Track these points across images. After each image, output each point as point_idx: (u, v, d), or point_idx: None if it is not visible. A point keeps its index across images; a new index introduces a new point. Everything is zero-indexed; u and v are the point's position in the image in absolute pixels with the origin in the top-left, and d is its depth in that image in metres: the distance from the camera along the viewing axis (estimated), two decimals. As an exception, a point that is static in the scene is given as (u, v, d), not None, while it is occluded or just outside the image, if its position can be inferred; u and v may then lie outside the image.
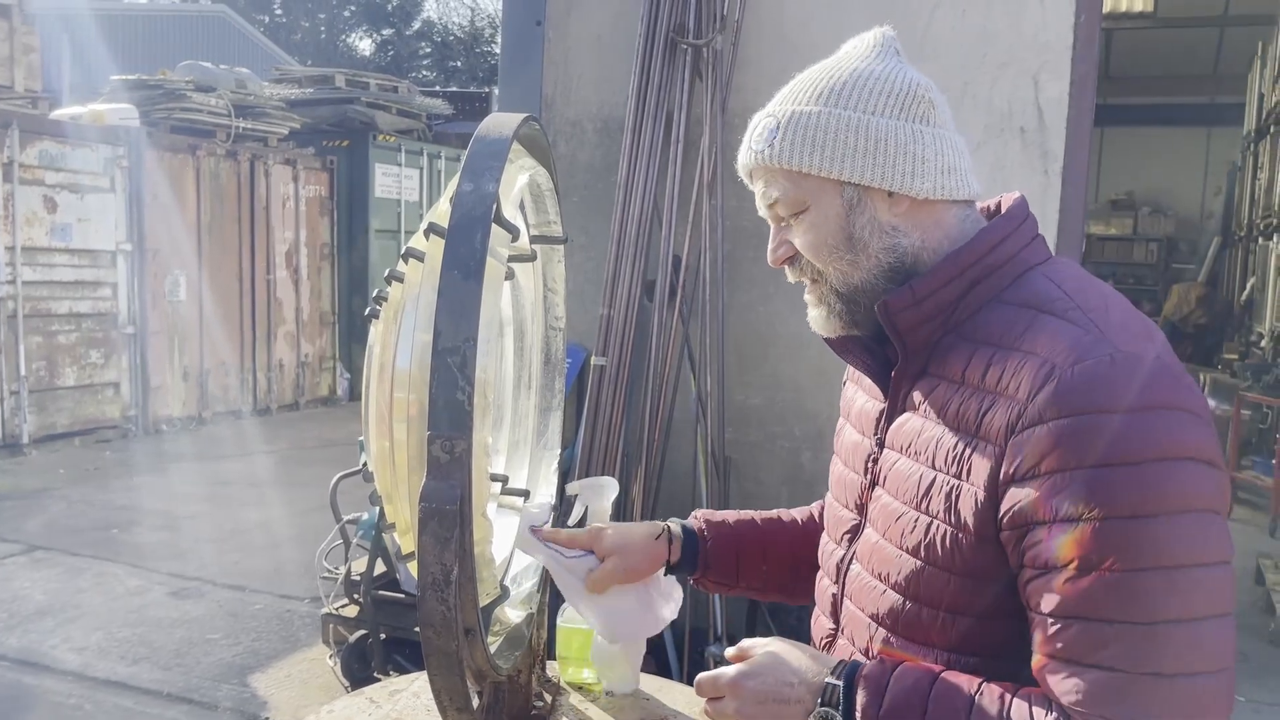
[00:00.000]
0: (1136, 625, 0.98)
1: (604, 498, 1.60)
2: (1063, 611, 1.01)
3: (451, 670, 1.14)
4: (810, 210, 1.19)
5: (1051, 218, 3.67)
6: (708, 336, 3.89)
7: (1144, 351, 1.04)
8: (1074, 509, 1.00)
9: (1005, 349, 1.10)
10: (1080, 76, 3.65)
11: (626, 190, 3.92)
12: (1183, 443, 1.01)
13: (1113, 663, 0.99)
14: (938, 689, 1.07)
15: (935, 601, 1.14)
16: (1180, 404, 1.02)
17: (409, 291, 1.27)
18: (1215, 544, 1.01)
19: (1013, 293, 1.15)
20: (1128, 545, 0.98)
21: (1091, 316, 1.08)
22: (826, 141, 1.16)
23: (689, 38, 3.89)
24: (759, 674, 1.15)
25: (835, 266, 1.20)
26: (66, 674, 4.36)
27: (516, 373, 1.70)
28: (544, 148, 1.50)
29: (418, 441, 1.19)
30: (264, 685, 4.33)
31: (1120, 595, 0.98)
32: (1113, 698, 0.99)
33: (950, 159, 1.19)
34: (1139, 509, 0.98)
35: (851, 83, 1.18)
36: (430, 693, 1.27)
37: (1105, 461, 0.99)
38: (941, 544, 1.12)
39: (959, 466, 1.11)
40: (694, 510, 1.63)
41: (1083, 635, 1.00)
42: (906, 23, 3.79)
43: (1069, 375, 1.03)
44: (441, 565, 1.09)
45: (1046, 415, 1.02)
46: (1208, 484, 1.01)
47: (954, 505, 1.11)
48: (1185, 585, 0.99)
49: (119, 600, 5.23)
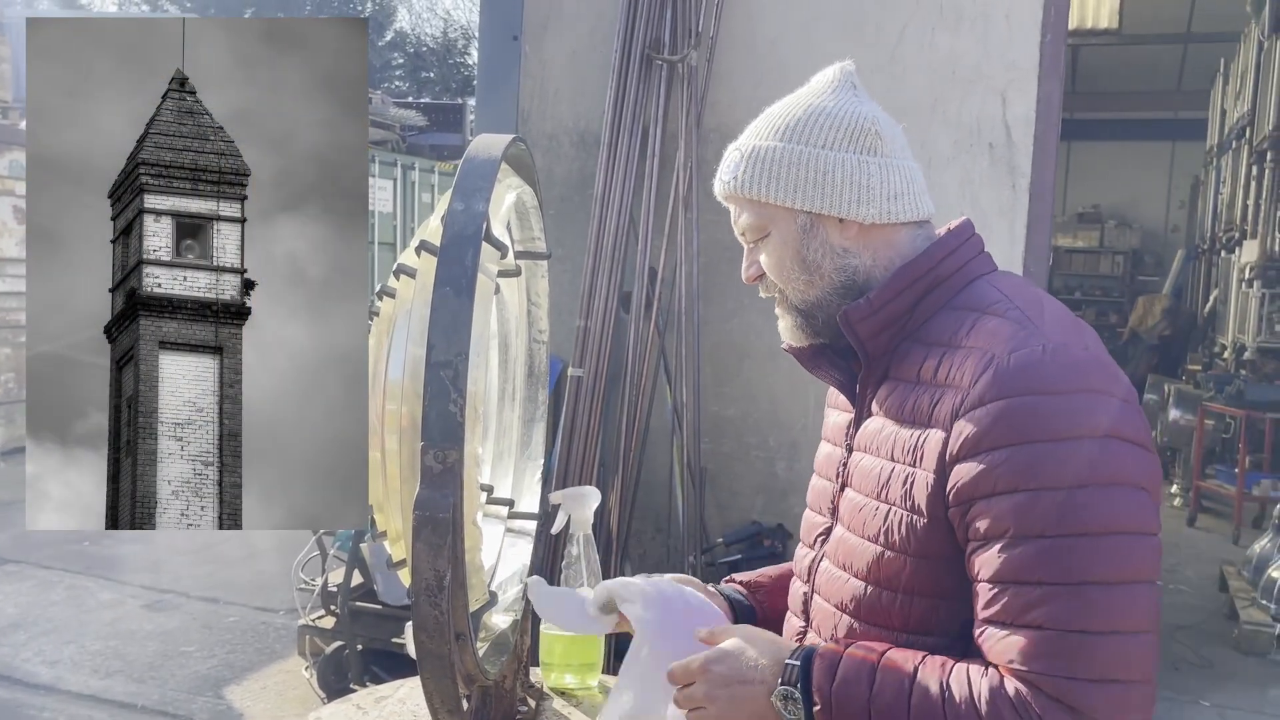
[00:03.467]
0: (1065, 586, 1.07)
1: (586, 507, 1.64)
2: (998, 577, 1.11)
3: (444, 673, 1.18)
4: (771, 235, 1.32)
5: (1019, 232, 3.75)
6: (683, 348, 3.93)
7: (1073, 343, 1.16)
8: (1010, 482, 1.10)
9: (953, 347, 1.21)
10: (1046, 94, 3.74)
11: (603, 204, 3.97)
12: (1108, 423, 1.11)
13: (1042, 622, 1.08)
14: (885, 661, 1.16)
15: (894, 584, 1.22)
16: (1106, 389, 1.14)
17: (400, 306, 1.30)
18: (1139, 516, 1.11)
19: (960, 299, 1.27)
20: (1058, 514, 1.08)
21: (1028, 314, 1.20)
22: (781, 174, 1.29)
23: (664, 53, 3.95)
24: (725, 659, 1.22)
25: (793, 285, 1.32)
26: (39, 688, 4.33)
27: (501, 385, 1.74)
28: (529, 166, 1.55)
29: (409, 452, 1.23)
30: (239, 697, 4.32)
31: (1050, 560, 1.08)
32: (1043, 655, 1.07)
33: (897, 185, 1.30)
34: (1068, 481, 1.08)
35: (805, 119, 1.30)
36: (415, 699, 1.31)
37: (1038, 438, 1.10)
38: (899, 529, 1.21)
39: (913, 455, 1.20)
40: (667, 538, 1.68)
41: (1016, 598, 1.09)
42: (876, 41, 3.87)
43: (1006, 363, 1.14)
44: (435, 571, 1.13)
45: (986, 398, 1.13)
46: (1132, 461, 1.12)
47: (909, 491, 1.20)
48: (1110, 551, 1.08)
49: (92, 613, 5.20)
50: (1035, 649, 1.08)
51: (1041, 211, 3.79)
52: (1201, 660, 5.04)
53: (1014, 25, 3.72)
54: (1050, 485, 1.09)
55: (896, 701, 1.12)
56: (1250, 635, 5.17)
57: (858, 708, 1.14)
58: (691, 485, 3.94)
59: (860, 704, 1.13)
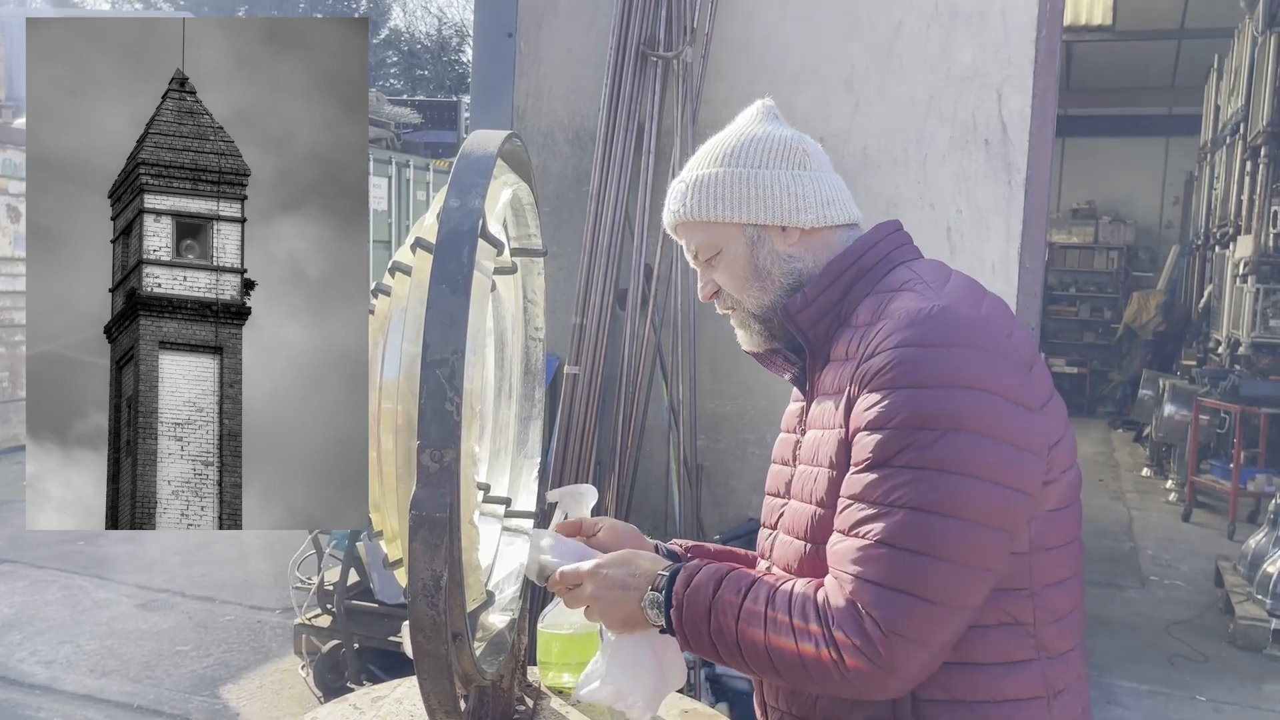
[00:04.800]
0: (894, 508, 1.20)
1: (584, 505, 1.64)
2: (848, 494, 1.25)
3: (441, 674, 1.18)
4: (723, 252, 1.44)
5: (1015, 227, 3.76)
6: (679, 345, 3.94)
7: (965, 308, 1.28)
8: (880, 421, 1.22)
9: (870, 325, 1.32)
10: (1042, 90, 3.74)
11: (599, 200, 3.97)
12: (975, 376, 1.21)
13: (865, 534, 1.21)
14: (733, 571, 1.32)
15: (826, 538, 1.30)
16: (986, 346, 1.24)
17: (396, 304, 1.30)
18: (985, 462, 1.20)
19: (882, 284, 1.39)
20: (907, 449, 1.20)
21: (932, 287, 1.33)
22: (725, 194, 1.42)
23: (659, 50, 3.95)
24: (615, 564, 1.38)
25: (749, 294, 1.45)
26: (34, 687, 4.32)
27: (497, 382, 1.74)
28: (525, 163, 1.55)
29: (405, 451, 1.23)
30: (235, 697, 4.32)
31: (890, 485, 1.20)
32: (855, 561, 1.21)
33: (828, 193, 1.43)
34: (926, 423, 1.20)
35: (740, 145, 1.44)
36: (412, 698, 1.31)
37: (909, 384, 1.22)
38: (825, 488, 1.32)
39: (832, 419, 1.32)
40: (664, 535, 1.72)
41: (855, 513, 1.23)
42: (872, 38, 3.88)
43: (897, 319, 1.27)
44: (432, 571, 1.13)
45: (878, 349, 1.26)
46: (993, 412, 1.21)
47: (828, 451, 1.32)
48: (946, 487, 1.19)
49: (86, 613, 5.19)
50: (851, 555, 1.21)
51: (1037, 207, 3.80)
52: (1197, 655, 5.06)
53: (1010, 22, 3.73)
54: (905, 424, 1.20)
55: (732, 601, 1.27)
56: (1246, 630, 5.19)
57: (701, 609, 1.29)
58: (688, 482, 3.94)
59: (704, 605, 1.29)
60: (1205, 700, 4.58)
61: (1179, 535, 7.39)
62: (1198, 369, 9.24)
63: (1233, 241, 9.35)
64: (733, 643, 1.27)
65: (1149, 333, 12.48)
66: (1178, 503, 8.16)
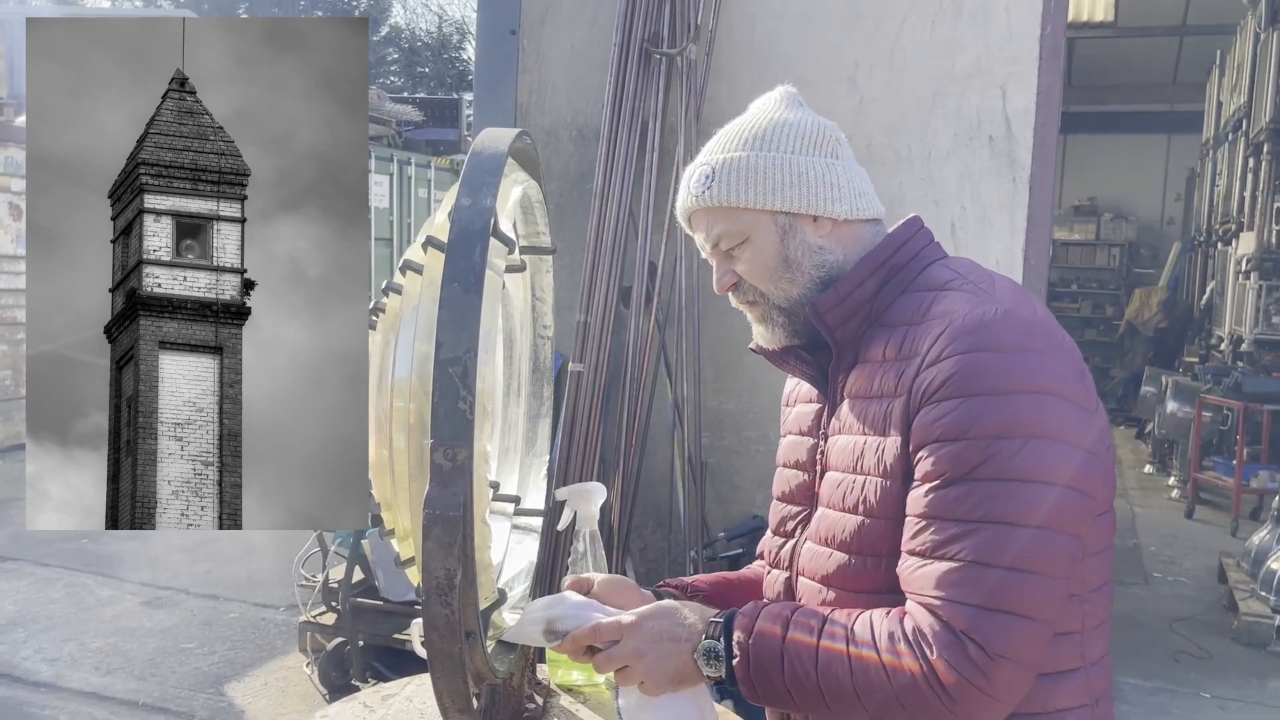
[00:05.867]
0: (979, 524, 1.14)
1: (592, 503, 1.63)
2: (922, 514, 1.18)
3: (454, 672, 1.17)
4: (750, 240, 1.36)
5: (1020, 224, 3.74)
6: (684, 342, 3.92)
7: (1022, 309, 1.23)
8: (951, 432, 1.17)
9: (915, 324, 1.28)
10: (1046, 86, 3.73)
11: (603, 198, 3.96)
12: (1046, 381, 1.18)
13: (950, 555, 1.15)
14: (799, 612, 1.24)
15: (876, 549, 1.26)
16: (1049, 350, 1.21)
17: (407, 303, 1.29)
18: (1062, 468, 1.16)
19: (918, 282, 1.34)
20: (985, 460, 1.15)
21: (981, 286, 1.29)
22: (756, 180, 1.34)
23: (663, 47, 3.93)
24: (657, 616, 1.28)
25: (776, 286, 1.37)
26: (39, 685, 4.32)
27: (506, 380, 1.73)
28: (534, 160, 1.54)
29: (417, 449, 1.22)
30: (241, 694, 4.32)
31: (970, 500, 1.15)
32: (944, 584, 1.14)
33: (859, 185, 1.38)
34: (1000, 431, 1.15)
35: (770, 129, 1.36)
36: (422, 696, 1.30)
37: (980, 392, 1.17)
38: (875, 495, 1.26)
39: (883, 424, 1.26)
40: (668, 533, 1.68)
41: (934, 533, 1.17)
42: (876, 34, 3.86)
43: (959, 322, 1.21)
44: (445, 570, 1.12)
45: (942, 355, 1.20)
46: (1064, 417, 1.18)
47: (881, 458, 1.25)
48: (1027, 497, 1.14)
49: (91, 610, 5.19)
50: (939, 579, 1.15)
51: (1042, 204, 3.78)
52: (1201, 652, 5.05)
53: (1014, 18, 3.71)
54: (983, 434, 1.15)
55: (807, 643, 1.20)
56: (1249, 626, 5.18)
57: (772, 655, 1.20)
58: (692, 480, 3.93)
59: (775, 650, 1.20)
60: (1209, 697, 4.57)
61: (1182, 532, 7.39)
62: (1200, 366, 9.23)
63: (1235, 238, 9.34)
64: (813, 687, 1.19)
65: (1151, 329, 12.46)
66: (1180, 500, 8.15)
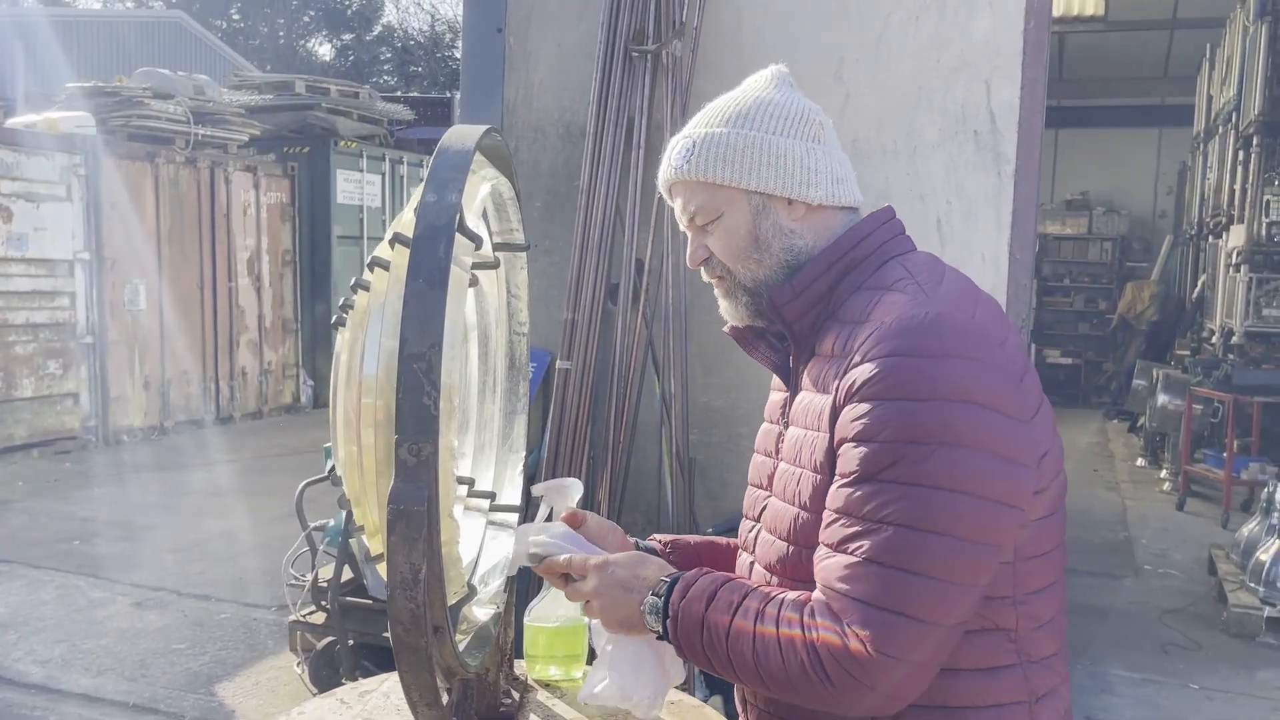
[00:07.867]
0: (885, 525, 1.16)
1: (569, 498, 1.63)
2: (836, 508, 1.21)
3: (421, 667, 1.18)
4: (723, 217, 1.37)
5: (1005, 218, 3.75)
6: (671, 339, 3.93)
7: (959, 314, 1.23)
8: (869, 433, 1.18)
9: (859, 323, 1.28)
10: (1030, 80, 3.74)
11: (589, 195, 3.96)
12: (972, 389, 1.17)
13: (854, 550, 1.18)
14: (728, 583, 1.30)
15: (810, 542, 1.28)
16: (978, 356, 1.20)
17: (375, 300, 1.30)
18: (980, 478, 1.16)
19: (873, 279, 1.33)
20: (899, 463, 1.16)
21: (924, 288, 1.27)
22: (735, 157, 1.34)
23: (648, 44, 3.94)
24: (622, 565, 1.37)
25: (743, 265, 1.38)
26: (31, 686, 4.32)
27: (481, 377, 1.74)
28: (505, 157, 1.54)
29: (385, 445, 1.23)
30: (231, 694, 4.32)
31: (880, 501, 1.17)
32: (844, 578, 1.18)
33: (839, 171, 1.37)
34: (918, 437, 1.16)
35: (755, 108, 1.36)
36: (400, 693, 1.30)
37: (900, 396, 1.17)
38: (808, 490, 1.29)
39: (818, 420, 1.28)
40: (657, 529, 1.70)
41: (843, 528, 1.20)
42: (861, 29, 3.87)
43: (888, 325, 1.21)
44: (410, 564, 1.13)
45: (866, 357, 1.21)
46: (988, 427, 1.18)
47: (814, 454, 1.28)
48: (939, 504, 1.15)
49: (82, 612, 5.19)
50: (839, 571, 1.18)
51: (1027, 197, 3.79)
52: (1190, 643, 5.07)
53: (997, 12, 3.72)
54: (895, 438, 1.16)
55: (722, 619, 1.25)
56: (1239, 618, 5.20)
57: (694, 622, 1.27)
58: (680, 476, 3.94)
59: (697, 618, 1.27)
60: (1198, 688, 4.59)
61: (1173, 524, 7.41)
62: (1191, 359, 9.25)
63: (1225, 231, 9.37)
64: (724, 659, 1.26)
65: (1143, 323, 12.49)
66: (1172, 492, 8.18)
